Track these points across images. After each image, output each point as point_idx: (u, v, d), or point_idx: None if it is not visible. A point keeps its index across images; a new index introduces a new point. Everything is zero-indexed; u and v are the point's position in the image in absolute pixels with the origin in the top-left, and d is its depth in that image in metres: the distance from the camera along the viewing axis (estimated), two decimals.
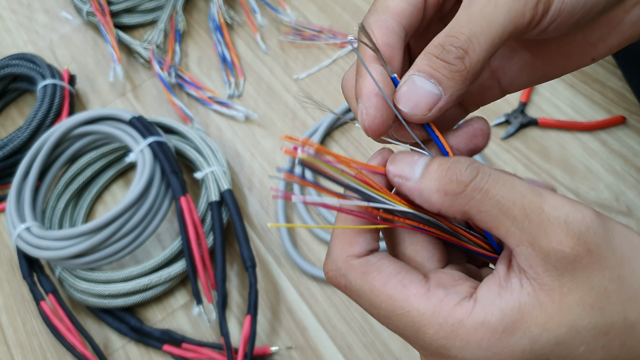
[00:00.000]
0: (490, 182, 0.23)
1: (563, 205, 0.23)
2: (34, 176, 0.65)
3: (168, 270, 0.61)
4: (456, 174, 0.24)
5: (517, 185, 0.23)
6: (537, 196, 0.23)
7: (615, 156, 0.61)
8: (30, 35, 0.89)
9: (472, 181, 0.23)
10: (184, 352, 0.59)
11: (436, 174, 0.24)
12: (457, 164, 0.24)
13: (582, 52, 0.29)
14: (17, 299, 0.67)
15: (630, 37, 0.28)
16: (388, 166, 0.26)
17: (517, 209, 0.23)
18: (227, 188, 0.63)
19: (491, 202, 0.23)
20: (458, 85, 0.25)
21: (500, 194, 0.23)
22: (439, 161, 0.24)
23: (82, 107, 0.79)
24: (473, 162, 0.24)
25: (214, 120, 0.74)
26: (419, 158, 0.25)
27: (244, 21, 0.81)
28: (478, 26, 0.24)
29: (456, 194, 0.24)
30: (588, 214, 0.23)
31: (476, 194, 0.23)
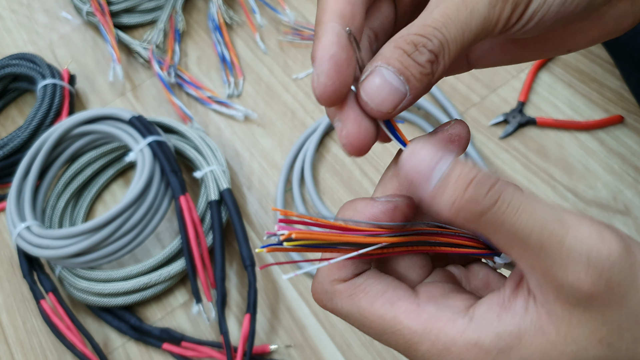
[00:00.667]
0: (510, 209, 0.21)
1: (589, 238, 0.21)
2: (34, 175, 0.65)
3: (167, 269, 0.61)
4: (475, 198, 0.21)
5: (539, 212, 0.21)
6: (559, 225, 0.21)
7: (613, 155, 0.61)
8: (30, 35, 0.89)
9: (491, 209, 0.21)
10: (183, 350, 0.59)
11: (454, 189, 0.21)
12: (479, 186, 0.21)
13: (559, 42, 0.28)
14: (17, 297, 0.67)
15: (611, 32, 0.27)
16: (403, 158, 0.23)
17: (535, 238, 0.21)
18: (227, 187, 0.63)
19: (506, 229, 0.21)
20: (423, 87, 0.24)
21: (518, 223, 0.21)
22: (459, 172, 0.21)
23: (82, 106, 0.80)
24: (495, 184, 0.21)
25: (214, 119, 0.74)
26: (441, 159, 0.22)
27: (243, 21, 0.82)
28: (452, 32, 0.23)
29: (471, 217, 0.22)
30: (615, 250, 0.21)
31: (492, 220, 0.22)
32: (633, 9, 0.26)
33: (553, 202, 0.22)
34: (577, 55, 0.68)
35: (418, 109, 0.68)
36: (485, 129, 0.66)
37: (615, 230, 0.22)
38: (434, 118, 0.67)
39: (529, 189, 0.60)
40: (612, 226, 0.22)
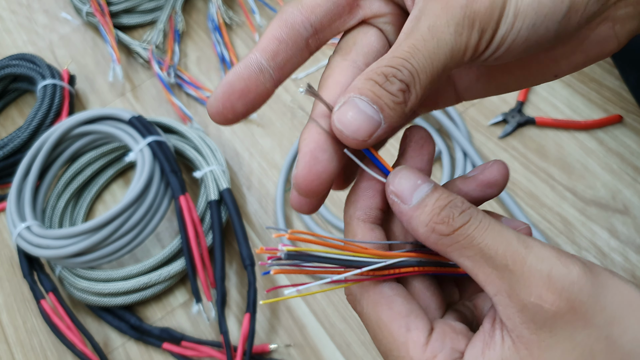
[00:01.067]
0: (479, 229, 0.23)
1: (549, 258, 0.22)
2: (34, 176, 0.65)
3: (167, 269, 0.61)
4: (449, 217, 0.23)
5: (505, 233, 0.23)
6: (523, 246, 0.23)
7: (612, 155, 0.61)
8: (30, 36, 0.89)
9: (462, 227, 0.23)
10: (183, 350, 0.59)
11: (430, 209, 0.24)
12: (453, 208, 0.24)
13: (543, 68, 0.28)
14: (18, 297, 0.67)
15: (595, 56, 0.27)
16: (389, 180, 0.25)
17: (500, 257, 0.23)
18: (226, 187, 0.63)
19: (475, 248, 0.23)
20: (397, 116, 0.24)
21: (485, 242, 0.23)
22: (438, 196, 0.24)
23: (82, 107, 0.80)
24: (469, 207, 0.24)
25: None
26: (422, 184, 0.25)
27: (243, 21, 0.82)
28: (421, 62, 0.23)
29: (443, 235, 0.24)
30: (575, 269, 0.22)
31: (461, 238, 0.23)
32: (615, 32, 0.26)
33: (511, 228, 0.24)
34: None
35: None
36: (484, 128, 0.66)
37: (576, 257, 0.23)
38: (433, 118, 0.67)
39: (528, 188, 0.61)
40: (574, 255, 0.23)
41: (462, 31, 0.24)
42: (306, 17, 0.26)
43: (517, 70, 0.29)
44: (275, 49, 0.26)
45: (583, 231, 0.58)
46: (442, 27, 0.24)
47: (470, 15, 0.24)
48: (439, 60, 0.24)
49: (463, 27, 0.24)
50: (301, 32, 0.26)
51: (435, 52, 0.23)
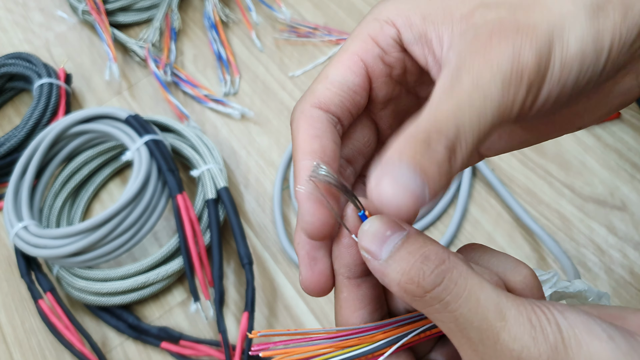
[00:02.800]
0: (453, 294, 0.21)
1: (522, 337, 0.21)
2: (31, 175, 0.65)
3: (165, 268, 0.61)
4: (419, 276, 0.22)
5: (482, 302, 0.21)
6: (498, 319, 0.21)
7: (609, 151, 0.61)
8: (26, 34, 0.89)
9: (434, 289, 0.21)
10: (181, 349, 0.59)
11: (400, 266, 0.22)
12: (425, 263, 0.22)
13: (567, 122, 0.27)
14: (15, 297, 0.67)
15: (617, 106, 0.26)
16: (359, 235, 0.23)
17: (474, 330, 0.21)
18: (224, 186, 0.63)
19: (448, 316, 0.22)
20: (442, 185, 0.21)
21: (460, 311, 0.21)
22: (409, 249, 0.22)
23: (79, 105, 0.80)
24: (442, 263, 0.22)
25: (210, 118, 0.74)
26: (392, 235, 0.23)
27: (239, 19, 0.82)
28: (467, 121, 0.21)
29: (415, 297, 0.22)
30: (545, 352, 0.21)
31: (435, 303, 0.22)
32: (639, 82, 0.25)
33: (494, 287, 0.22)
34: None
35: None
36: None
37: (554, 325, 0.21)
38: None
39: (526, 185, 0.61)
40: (554, 313, 0.22)
41: (509, 86, 0.22)
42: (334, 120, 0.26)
43: (541, 126, 0.27)
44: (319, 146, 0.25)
45: (581, 228, 0.58)
46: (488, 82, 0.21)
47: (517, 69, 0.22)
48: (487, 118, 0.22)
49: (510, 82, 0.22)
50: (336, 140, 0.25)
51: (482, 109, 0.21)
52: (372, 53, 0.25)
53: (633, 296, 0.54)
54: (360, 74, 0.25)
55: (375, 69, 0.25)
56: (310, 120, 0.25)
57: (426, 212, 0.61)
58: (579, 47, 0.22)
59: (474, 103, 0.21)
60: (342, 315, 0.26)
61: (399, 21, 0.25)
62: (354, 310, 0.26)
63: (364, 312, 0.26)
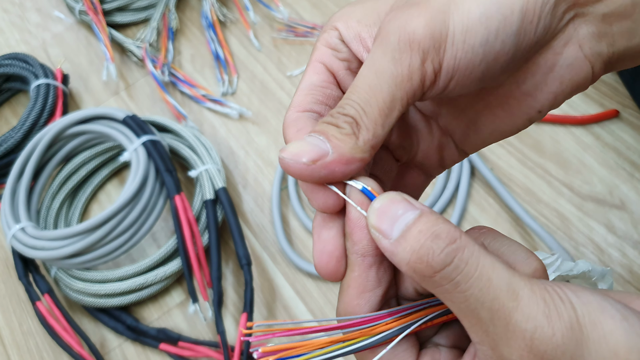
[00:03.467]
0: (464, 274, 0.21)
1: (535, 316, 0.21)
2: (28, 176, 0.65)
3: (163, 269, 0.61)
4: (429, 255, 0.21)
5: (494, 282, 0.21)
6: (511, 299, 0.21)
7: (608, 150, 0.61)
8: (23, 35, 0.89)
9: (444, 269, 0.21)
10: (180, 350, 0.59)
11: (411, 245, 0.22)
12: (435, 242, 0.21)
13: (521, 104, 0.27)
14: (13, 299, 0.67)
15: (571, 83, 0.26)
16: (368, 214, 0.23)
17: (486, 311, 0.21)
18: (222, 186, 0.63)
19: (459, 296, 0.21)
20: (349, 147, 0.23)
21: (470, 291, 0.21)
22: (420, 227, 0.22)
23: (76, 106, 0.79)
24: (453, 242, 0.22)
25: (208, 118, 0.74)
26: (404, 213, 0.23)
27: (237, 18, 0.81)
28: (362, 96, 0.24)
29: (424, 276, 0.22)
30: (559, 330, 0.21)
31: (445, 282, 0.21)
32: (585, 55, 0.25)
33: (508, 266, 0.22)
34: None
35: None
36: None
37: (569, 306, 0.21)
38: None
39: (525, 184, 0.61)
40: (567, 293, 0.21)
41: (399, 57, 0.23)
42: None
43: (499, 111, 0.28)
44: None
45: (580, 227, 0.58)
46: (379, 58, 0.24)
47: (403, 39, 0.23)
48: (383, 91, 0.24)
49: (400, 53, 0.23)
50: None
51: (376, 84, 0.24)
52: (327, 53, 0.28)
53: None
54: (322, 71, 0.28)
55: (334, 65, 0.28)
56: (294, 122, 0.27)
57: None
58: (481, 10, 0.23)
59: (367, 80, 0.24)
60: (348, 294, 0.25)
61: (340, 25, 0.28)
62: (362, 291, 0.25)
63: (372, 295, 0.25)
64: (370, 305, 0.25)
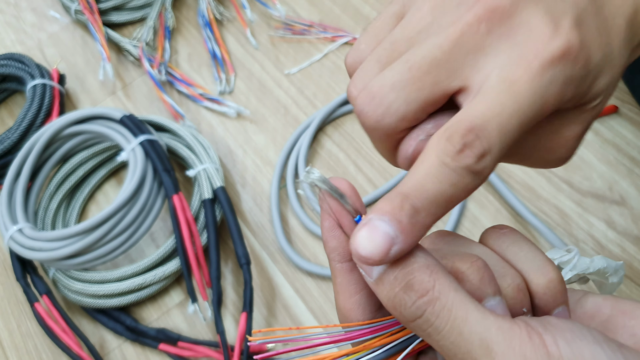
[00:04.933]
0: (434, 327, 0.21)
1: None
2: (25, 177, 0.65)
3: (162, 269, 0.60)
4: (401, 307, 0.22)
5: (465, 336, 0.21)
6: (484, 355, 0.21)
7: (608, 145, 0.61)
8: (18, 35, 0.88)
9: (415, 321, 0.22)
10: (180, 350, 0.58)
11: (386, 292, 0.22)
12: (407, 293, 0.22)
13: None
14: (11, 300, 0.67)
15: None
16: (350, 244, 0.23)
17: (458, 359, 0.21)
18: (220, 185, 0.63)
19: (434, 344, 0.22)
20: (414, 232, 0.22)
21: (442, 342, 0.21)
22: (395, 274, 0.22)
23: (73, 106, 0.79)
24: (424, 294, 0.21)
25: (206, 117, 0.74)
26: None
27: (234, 17, 0.81)
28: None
29: (401, 319, 0.22)
30: None
31: (419, 331, 0.22)
32: None
33: (485, 316, 0.21)
34: None
35: None
36: None
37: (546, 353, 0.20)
38: None
39: (524, 181, 0.60)
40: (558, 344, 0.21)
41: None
42: None
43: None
44: None
45: (580, 223, 0.58)
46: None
47: None
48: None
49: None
50: None
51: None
52: None
53: (633, 291, 0.54)
54: None
55: None
56: None
57: None
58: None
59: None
60: (339, 300, 0.26)
61: None
62: (349, 295, 0.25)
63: (360, 297, 0.25)
64: (362, 306, 0.25)
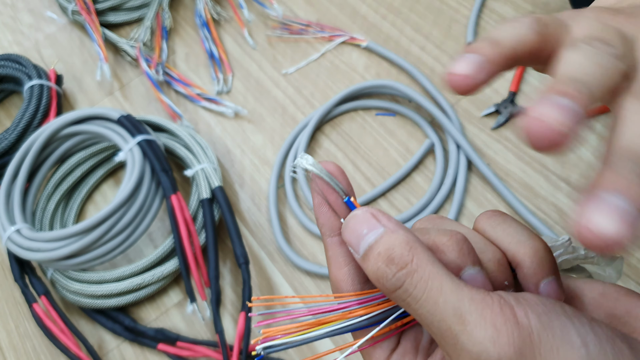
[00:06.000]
0: (413, 297, 0.23)
1: (481, 342, 0.21)
2: (23, 178, 0.65)
3: (161, 269, 0.60)
4: (383, 278, 0.23)
5: (440, 305, 0.22)
6: (457, 323, 0.22)
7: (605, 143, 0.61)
8: (15, 36, 0.88)
9: (396, 291, 0.23)
10: (179, 350, 0.58)
11: (370, 266, 0.24)
12: (388, 266, 0.23)
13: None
14: (10, 301, 0.66)
15: None
16: (343, 230, 0.26)
17: (435, 329, 0.22)
18: (218, 185, 0.63)
19: (413, 313, 0.23)
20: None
21: (420, 311, 0.23)
22: (379, 250, 0.24)
23: (70, 107, 0.79)
24: (404, 266, 0.23)
25: (203, 117, 0.74)
26: (367, 233, 0.24)
27: (231, 16, 0.81)
28: None
29: (384, 291, 0.24)
30: (506, 355, 0.21)
31: (399, 301, 0.23)
32: None
33: (459, 288, 0.22)
34: None
35: (409, 101, 0.68)
36: (476, 120, 0.65)
37: (525, 327, 0.21)
38: (425, 110, 0.66)
39: (522, 179, 0.60)
40: (529, 316, 0.21)
41: None
42: None
43: None
44: None
45: None
46: None
47: None
48: None
49: None
50: None
51: None
52: None
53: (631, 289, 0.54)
54: None
55: None
56: None
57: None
58: None
59: None
60: (330, 271, 0.28)
61: None
62: (339, 267, 0.27)
63: (350, 268, 0.27)
64: (351, 277, 0.27)
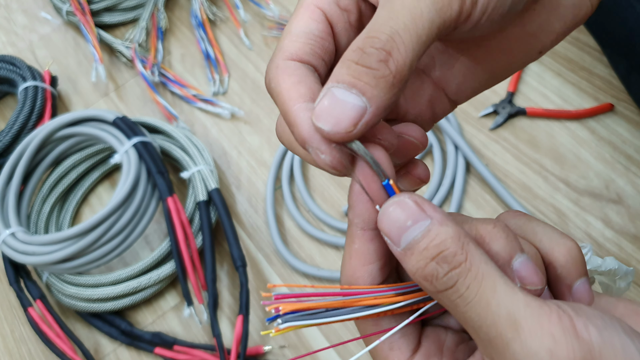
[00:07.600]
0: (463, 297, 0.21)
1: (537, 352, 0.20)
2: (17, 180, 0.64)
3: (157, 272, 0.60)
4: (432, 277, 0.21)
5: (493, 308, 0.21)
6: (510, 327, 0.20)
7: (604, 144, 0.61)
8: (9, 37, 0.88)
9: (445, 291, 0.21)
10: (175, 354, 0.58)
11: (418, 259, 0.22)
12: (440, 264, 0.21)
13: (524, 45, 0.26)
14: (5, 305, 0.66)
15: (573, 22, 0.26)
16: (379, 217, 0.23)
17: (483, 334, 0.21)
18: (215, 187, 0.62)
19: (459, 315, 0.21)
20: (384, 93, 0.21)
21: (469, 314, 0.21)
22: (427, 245, 0.22)
23: (65, 108, 0.78)
24: (458, 266, 0.21)
25: (199, 118, 0.73)
26: (412, 226, 0.22)
27: (227, 17, 0.80)
28: (401, 22, 0.21)
29: (428, 290, 0.22)
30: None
31: (446, 301, 0.22)
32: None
33: (514, 292, 0.21)
34: (565, 44, 0.67)
35: None
36: (475, 120, 0.65)
37: (585, 341, 0.20)
38: None
39: (521, 180, 0.60)
40: (589, 329, 0.20)
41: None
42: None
43: (500, 56, 0.27)
44: None
45: (577, 222, 0.58)
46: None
47: None
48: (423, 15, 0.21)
49: None
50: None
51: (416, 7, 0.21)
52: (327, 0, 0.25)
53: (632, 290, 0.54)
54: (321, 20, 0.25)
55: (334, 15, 0.25)
56: (289, 71, 0.24)
57: None
58: None
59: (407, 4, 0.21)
60: (350, 265, 0.25)
61: None
62: (363, 263, 0.25)
63: (373, 267, 0.25)
64: (372, 276, 0.25)
